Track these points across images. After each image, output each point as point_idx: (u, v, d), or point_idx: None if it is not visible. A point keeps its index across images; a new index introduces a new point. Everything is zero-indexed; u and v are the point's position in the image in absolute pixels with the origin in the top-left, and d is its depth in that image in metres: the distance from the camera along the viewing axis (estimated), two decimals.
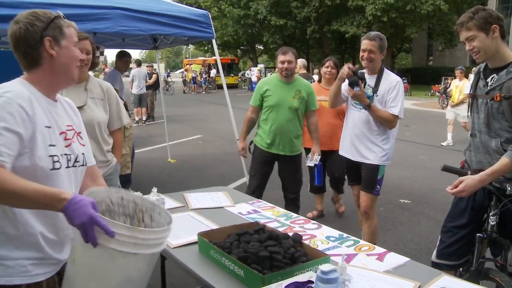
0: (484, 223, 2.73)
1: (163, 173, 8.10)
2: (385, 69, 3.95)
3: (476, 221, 2.80)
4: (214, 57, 44.21)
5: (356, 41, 39.61)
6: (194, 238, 2.42)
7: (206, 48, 48.29)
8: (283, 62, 4.47)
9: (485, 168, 2.57)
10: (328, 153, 5.22)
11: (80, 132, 1.93)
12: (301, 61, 9.76)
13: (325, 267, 1.53)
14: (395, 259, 2.27)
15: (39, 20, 1.70)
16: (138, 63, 15.40)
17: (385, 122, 3.86)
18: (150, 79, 15.90)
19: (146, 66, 17.05)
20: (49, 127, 1.73)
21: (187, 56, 77.84)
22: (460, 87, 10.76)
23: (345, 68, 3.74)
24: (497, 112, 2.62)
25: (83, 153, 1.89)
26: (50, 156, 1.71)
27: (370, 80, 3.90)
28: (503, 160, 2.48)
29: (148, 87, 15.63)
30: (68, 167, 1.78)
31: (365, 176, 4.02)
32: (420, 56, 43.83)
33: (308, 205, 5.66)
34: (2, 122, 1.55)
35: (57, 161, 1.73)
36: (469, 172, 2.65)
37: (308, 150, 5.09)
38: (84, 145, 1.93)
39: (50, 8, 4.70)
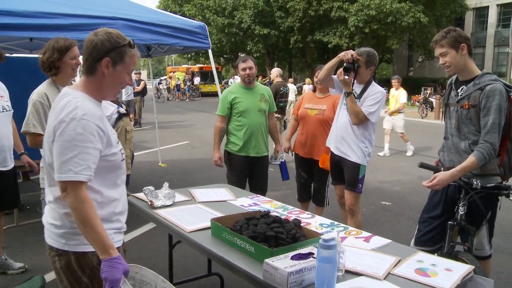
0: (455, 213, 3.15)
1: (155, 176, 8.41)
2: (373, 81, 4.34)
3: (448, 212, 3.24)
4: (198, 65, 44.52)
5: (338, 51, 40.27)
6: (206, 224, 2.79)
7: (189, 55, 48.51)
8: (244, 69, 4.79)
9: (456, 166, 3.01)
10: (310, 161, 5.22)
11: None
12: (277, 70, 10.23)
13: (326, 236, 1.91)
14: (379, 240, 2.67)
15: (109, 41, 2.00)
16: None
17: (354, 115, 4.18)
18: (138, 86, 16.19)
19: (134, 73, 17.31)
20: (111, 129, 2.12)
21: (170, 63, 77.82)
22: (396, 96, 10.74)
23: (349, 54, 4.08)
24: (465, 118, 3.08)
25: None
26: (120, 150, 2.13)
27: (358, 88, 4.29)
28: (470, 158, 2.93)
29: (136, 94, 15.92)
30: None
31: (348, 175, 4.40)
32: (400, 67, 44.75)
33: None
34: (89, 143, 1.92)
35: (123, 153, 2.16)
36: (442, 169, 3.09)
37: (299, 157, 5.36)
38: None
39: (59, 18, 5.04)
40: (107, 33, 2.03)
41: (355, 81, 4.26)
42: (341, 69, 4.12)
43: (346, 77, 4.09)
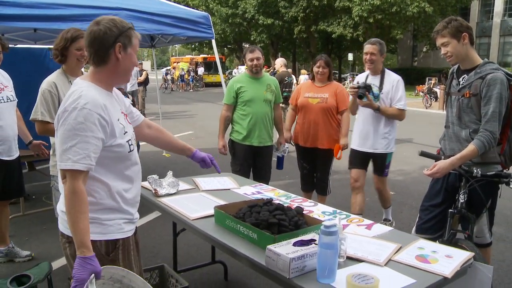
0: (456, 201, 3.18)
1: (159, 165, 8.45)
2: (385, 70, 4.71)
3: (449, 200, 3.27)
4: (202, 55, 44.46)
5: (342, 41, 40.20)
6: (209, 212, 2.83)
7: (193, 46, 48.42)
8: (252, 60, 4.82)
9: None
10: (312, 150, 5.19)
11: (127, 114, 2.29)
12: (281, 60, 10.25)
13: (327, 223, 1.95)
14: (381, 228, 2.71)
15: (116, 27, 2.03)
16: None
17: (395, 117, 4.68)
18: (140, 77, 16.24)
19: None
20: (118, 119, 2.12)
21: (174, 54, 77.71)
22: None
23: (351, 90, 4.55)
24: (466, 106, 3.10)
25: (133, 132, 2.28)
26: (127, 141, 2.13)
27: (375, 79, 4.57)
28: (470, 147, 2.96)
29: (139, 84, 15.97)
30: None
31: (376, 164, 4.88)
32: (405, 57, 44.62)
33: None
34: (90, 132, 1.93)
35: (132, 144, 2.16)
36: (443, 157, 3.12)
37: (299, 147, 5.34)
38: (131, 123, 2.31)
39: (63, 8, 5.06)
40: (111, 20, 2.06)
41: (369, 74, 4.67)
42: (358, 100, 4.57)
43: (365, 100, 4.49)
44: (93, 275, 1.88)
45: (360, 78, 4.82)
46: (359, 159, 4.83)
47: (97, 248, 2.06)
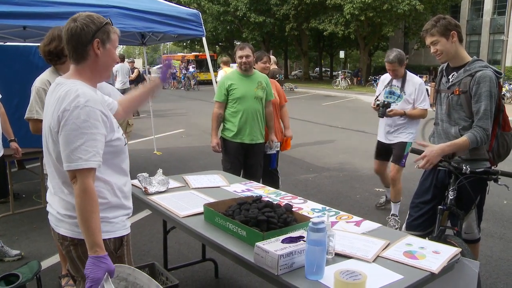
0: (445, 198, 3.20)
1: (150, 164, 8.42)
2: (407, 72, 5.25)
3: (438, 197, 3.29)
4: (193, 53, 44.30)
5: (334, 38, 40.24)
6: (199, 210, 2.83)
7: (184, 44, 48.25)
8: (241, 57, 4.83)
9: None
10: None
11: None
12: (272, 58, 10.30)
13: (315, 219, 1.96)
14: (369, 224, 2.71)
15: (94, 23, 2.01)
16: (121, 58, 15.56)
17: (420, 117, 5.24)
18: (132, 74, 16.16)
19: (128, 62, 17.23)
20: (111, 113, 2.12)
21: (165, 51, 77.38)
22: None
23: (373, 107, 5.21)
24: (456, 104, 3.13)
25: None
26: (122, 134, 2.15)
27: (398, 82, 5.23)
28: (462, 138, 3.00)
29: (131, 82, 15.88)
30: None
31: (396, 152, 5.32)
32: None
33: None
34: (95, 129, 1.92)
35: (125, 138, 2.17)
36: None
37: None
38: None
39: (52, 6, 5.03)
40: (88, 16, 2.03)
41: (393, 78, 5.23)
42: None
43: (388, 112, 5.08)
44: (107, 273, 1.88)
45: (385, 79, 5.39)
46: (383, 151, 5.52)
47: (107, 246, 2.05)
